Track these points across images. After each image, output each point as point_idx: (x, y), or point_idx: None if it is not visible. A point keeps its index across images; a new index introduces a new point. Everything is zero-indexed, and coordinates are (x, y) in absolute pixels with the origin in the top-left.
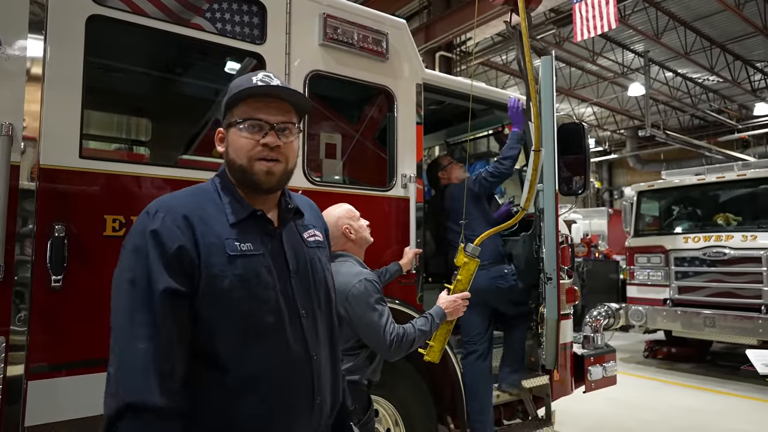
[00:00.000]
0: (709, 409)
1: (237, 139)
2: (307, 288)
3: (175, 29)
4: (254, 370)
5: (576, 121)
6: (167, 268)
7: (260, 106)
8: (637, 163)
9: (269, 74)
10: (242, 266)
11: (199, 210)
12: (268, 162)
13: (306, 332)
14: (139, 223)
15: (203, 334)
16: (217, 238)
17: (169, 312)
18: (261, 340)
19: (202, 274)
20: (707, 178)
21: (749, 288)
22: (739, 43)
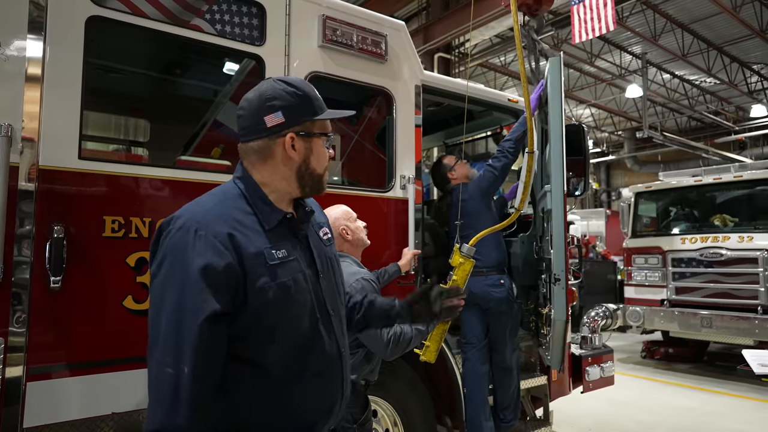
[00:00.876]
0: (706, 410)
1: (322, 151)
2: (331, 287)
3: (174, 30)
4: (297, 371)
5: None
6: (212, 289)
7: (327, 126)
8: (635, 164)
9: None
10: (282, 274)
11: (235, 222)
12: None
13: (335, 330)
14: (179, 241)
15: (246, 342)
16: (257, 249)
17: (205, 339)
18: (300, 344)
19: (248, 287)
20: (704, 179)
21: (746, 289)
22: (735, 45)
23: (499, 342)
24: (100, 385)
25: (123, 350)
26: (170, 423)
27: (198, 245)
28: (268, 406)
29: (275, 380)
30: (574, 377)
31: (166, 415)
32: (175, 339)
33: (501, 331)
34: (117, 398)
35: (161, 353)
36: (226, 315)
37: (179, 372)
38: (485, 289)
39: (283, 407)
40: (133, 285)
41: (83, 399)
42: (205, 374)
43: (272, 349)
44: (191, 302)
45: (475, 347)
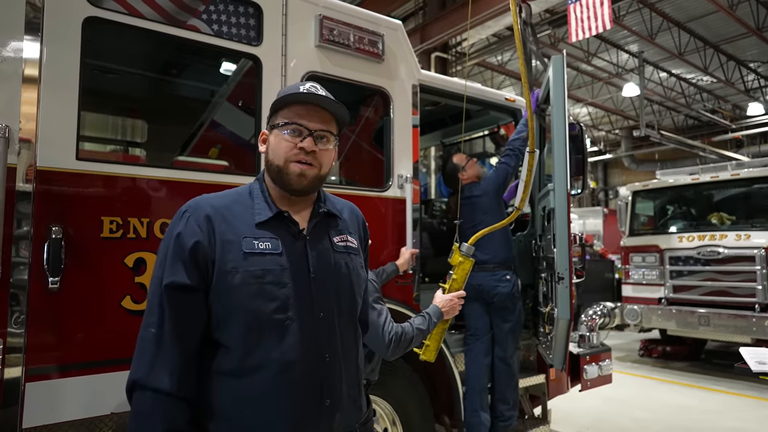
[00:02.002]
0: (703, 407)
1: (278, 141)
2: (328, 291)
3: (171, 31)
4: (256, 362)
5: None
6: (182, 263)
7: (302, 113)
8: (632, 163)
9: (316, 85)
10: (255, 263)
11: (225, 210)
12: (302, 165)
13: (320, 333)
14: (172, 222)
15: (214, 323)
16: (235, 236)
17: (174, 304)
18: (265, 335)
19: (216, 268)
20: (701, 177)
21: (743, 287)
22: (732, 43)
23: (501, 336)
24: (99, 385)
25: (121, 351)
26: (148, 375)
27: (180, 224)
28: (230, 391)
29: (236, 366)
30: (572, 376)
31: (145, 367)
32: (155, 304)
33: (504, 326)
34: (116, 399)
35: (146, 315)
36: (196, 290)
37: (159, 332)
38: (491, 283)
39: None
40: (131, 285)
41: (82, 399)
42: (181, 338)
43: (233, 332)
44: (166, 272)
45: (479, 339)
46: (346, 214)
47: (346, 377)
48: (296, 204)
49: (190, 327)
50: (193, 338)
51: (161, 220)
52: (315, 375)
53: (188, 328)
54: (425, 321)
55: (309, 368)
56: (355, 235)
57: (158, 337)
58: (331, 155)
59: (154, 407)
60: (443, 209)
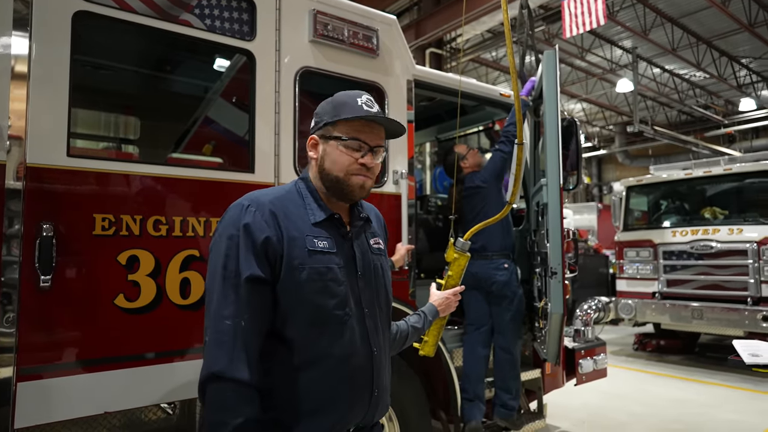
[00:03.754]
0: (699, 400)
1: (338, 153)
2: (371, 289)
3: (163, 26)
4: (319, 354)
5: (568, 116)
6: (255, 256)
7: (364, 129)
8: (626, 158)
9: (371, 98)
10: (319, 261)
11: (284, 208)
12: (362, 177)
13: (368, 328)
14: (234, 215)
15: (279, 316)
16: (299, 233)
17: (252, 296)
18: (327, 329)
19: (283, 263)
20: (694, 172)
21: (735, 280)
22: (724, 39)
23: (501, 325)
24: (92, 384)
25: (115, 349)
26: (229, 367)
27: (247, 217)
28: (293, 381)
29: (299, 358)
30: (568, 370)
31: (225, 359)
32: (229, 295)
33: (503, 314)
34: (109, 397)
35: (218, 307)
36: (269, 283)
37: (237, 324)
38: (489, 272)
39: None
40: (124, 283)
41: (75, 399)
42: (258, 331)
43: (298, 326)
44: (242, 264)
45: (477, 329)
46: (373, 218)
47: (388, 369)
48: (341, 208)
49: (264, 319)
50: (264, 330)
51: (154, 217)
52: (367, 367)
53: (262, 319)
54: (420, 319)
55: (363, 361)
56: (382, 238)
57: (234, 329)
58: (380, 166)
59: (237, 398)
60: (438, 205)
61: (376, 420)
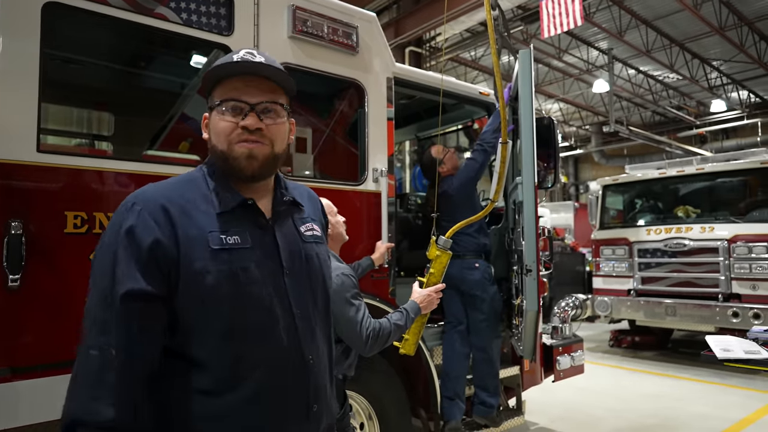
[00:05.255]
0: (672, 395)
1: (217, 122)
2: (302, 286)
3: (137, 19)
4: (240, 372)
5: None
6: (140, 266)
7: (240, 86)
8: (602, 158)
9: (252, 51)
10: (228, 261)
11: (181, 200)
12: (248, 144)
13: (300, 333)
14: (115, 217)
15: (182, 334)
16: (199, 231)
17: (131, 317)
18: (248, 341)
19: (180, 270)
20: (668, 172)
21: (707, 277)
22: (696, 42)
23: (475, 324)
24: (61, 386)
25: None
26: (94, 412)
27: (130, 218)
28: (207, 410)
29: (213, 382)
30: (546, 367)
31: (87, 401)
32: (99, 320)
33: (476, 314)
34: None
35: (89, 334)
36: (158, 298)
37: (105, 354)
38: (461, 271)
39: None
40: None
41: (46, 401)
42: (137, 360)
43: (208, 343)
44: (118, 279)
45: (454, 327)
46: (306, 201)
47: (328, 377)
48: (255, 191)
49: (150, 344)
50: (153, 358)
51: None
52: (300, 381)
53: (148, 345)
54: (403, 317)
55: (294, 375)
56: (317, 222)
57: (104, 361)
58: (284, 129)
59: None
60: (418, 203)
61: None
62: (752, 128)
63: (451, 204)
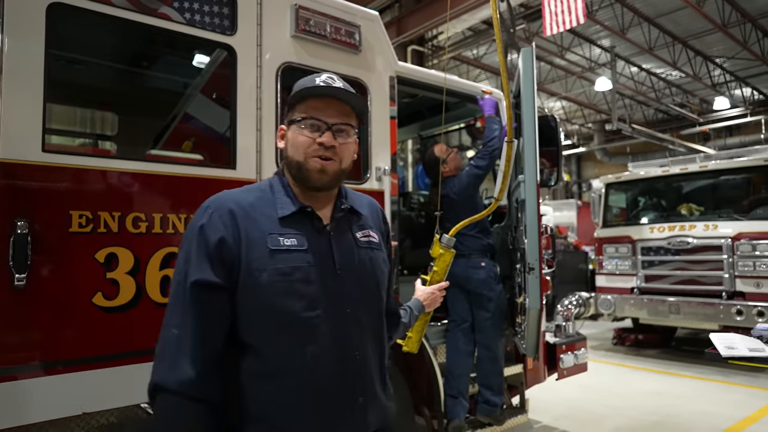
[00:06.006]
0: (676, 393)
1: (296, 136)
2: (353, 287)
3: (141, 19)
4: (289, 362)
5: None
6: (208, 260)
7: (320, 107)
8: (605, 156)
9: (332, 76)
10: (283, 261)
11: (248, 204)
12: (322, 160)
13: (349, 331)
14: (194, 218)
15: (242, 323)
16: (260, 233)
17: (199, 302)
18: (295, 334)
19: (241, 267)
20: (671, 170)
21: (711, 275)
22: (699, 39)
23: (480, 323)
24: (69, 385)
25: (94, 349)
26: (170, 378)
27: (203, 218)
28: (262, 392)
29: (267, 369)
30: (549, 365)
31: (167, 370)
32: (178, 302)
33: (482, 312)
34: (88, 398)
35: (168, 314)
36: (222, 288)
37: (182, 332)
38: (466, 270)
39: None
40: (102, 281)
41: (52, 400)
42: (206, 339)
43: (263, 333)
44: (191, 269)
45: (458, 326)
46: (366, 209)
47: (376, 373)
48: (318, 200)
49: (214, 327)
50: (218, 339)
51: (133, 213)
52: (347, 373)
53: (213, 328)
54: (407, 314)
55: (341, 366)
56: (375, 229)
57: (179, 338)
58: (352, 148)
59: (176, 410)
60: (421, 202)
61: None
62: (756, 125)
63: (454, 206)
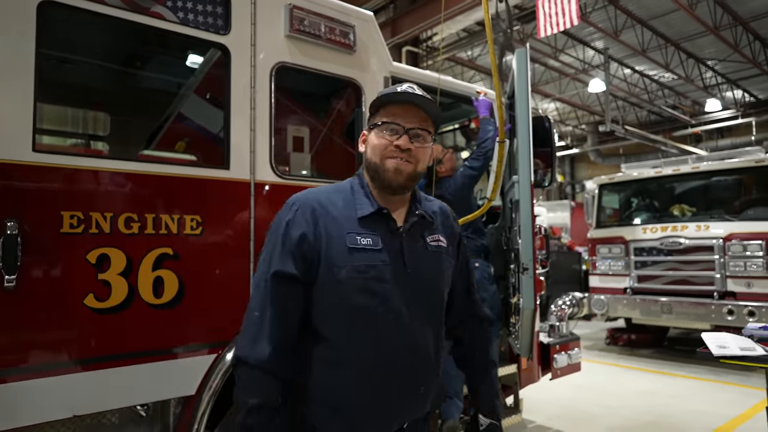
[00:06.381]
0: (669, 392)
1: (375, 139)
2: (420, 286)
3: (134, 18)
4: (359, 353)
5: (543, 115)
6: (290, 253)
7: (399, 112)
8: (598, 157)
9: (412, 85)
10: (360, 259)
11: (329, 204)
12: (398, 161)
13: (413, 326)
14: (280, 213)
15: (318, 314)
16: (339, 231)
17: (278, 291)
18: (368, 327)
19: (321, 262)
20: (664, 171)
21: (702, 276)
22: (691, 41)
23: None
24: (60, 387)
25: (85, 350)
26: (251, 354)
27: (289, 214)
28: (330, 378)
29: (337, 357)
30: (543, 365)
31: (249, 347)
32: (261, 288)
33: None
34: (79, 400)
35: (252, 297)
36: (299, 281)
37: (263, 316)
38: None
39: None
40: (94, 283)
41: (43, 402)
42: (282, 324)
43: (338, 325)
44: (274, 260)
45: None
46: (439, 215)
47: (436, 365)
48: (393, 203)
49: (290, 315)
50: (293, 325)
51: (126, 214)
52: (413, 366)
53: (289, 315)
54: None
55: (407, 359)
56: (445, 234)
57: (260, 320)
58: (427, 153)
59: (253, 382)
60: None
61: (427, 411)
62: (747, 127)
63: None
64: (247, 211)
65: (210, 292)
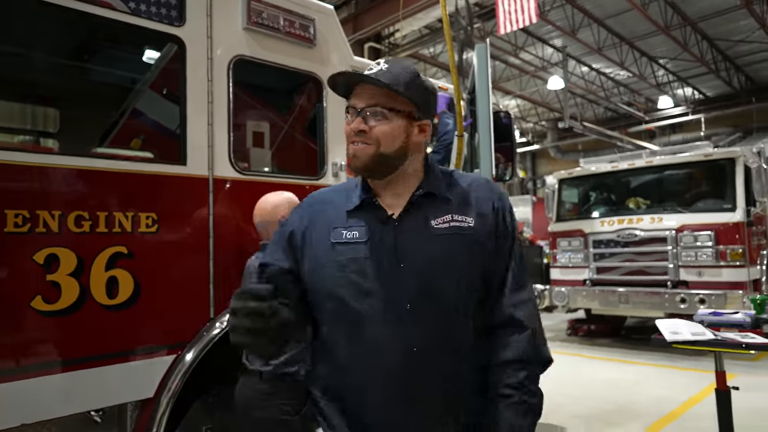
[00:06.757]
0: (628, 379)
1: (345, 123)
2: (419, 279)
3: (81, 7)
4: (346, 350)
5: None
6: (281, 248)
7: (357, 93)
8: (558, 153)
9: (380, 61)
10: (342, 253)
11: (329, 201)
12: (355, 146)
13: (408, 323)
14: None
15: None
16: (326, 226)
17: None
18: (346, 324)
19: (305, 259)
20: (620, 165)
21: (657, 266)
22: (644, 40)
23: None
24: (7, 395)
25: (33, 355)
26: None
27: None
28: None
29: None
30: None
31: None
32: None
33: None
34: (28, 408)
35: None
36: (290, 272)
37: None
38: None
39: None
40: (42, 284)
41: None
42: None
43: (324, 322)
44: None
45: None
46: (459, 191)
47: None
48: (387, 187)
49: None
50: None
51: (76, 212)
52: (405, 368)
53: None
54: None
55: (399, 361)
56: (466, 211)
57: None
58: (389, 128)
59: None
60: None
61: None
62: (696, 123)
63: None
64: (205, 208)
65: (167, 291)
